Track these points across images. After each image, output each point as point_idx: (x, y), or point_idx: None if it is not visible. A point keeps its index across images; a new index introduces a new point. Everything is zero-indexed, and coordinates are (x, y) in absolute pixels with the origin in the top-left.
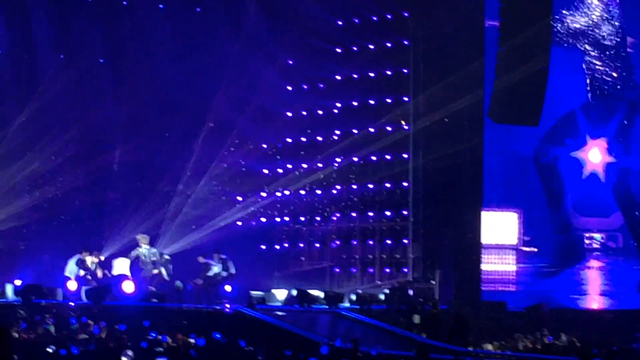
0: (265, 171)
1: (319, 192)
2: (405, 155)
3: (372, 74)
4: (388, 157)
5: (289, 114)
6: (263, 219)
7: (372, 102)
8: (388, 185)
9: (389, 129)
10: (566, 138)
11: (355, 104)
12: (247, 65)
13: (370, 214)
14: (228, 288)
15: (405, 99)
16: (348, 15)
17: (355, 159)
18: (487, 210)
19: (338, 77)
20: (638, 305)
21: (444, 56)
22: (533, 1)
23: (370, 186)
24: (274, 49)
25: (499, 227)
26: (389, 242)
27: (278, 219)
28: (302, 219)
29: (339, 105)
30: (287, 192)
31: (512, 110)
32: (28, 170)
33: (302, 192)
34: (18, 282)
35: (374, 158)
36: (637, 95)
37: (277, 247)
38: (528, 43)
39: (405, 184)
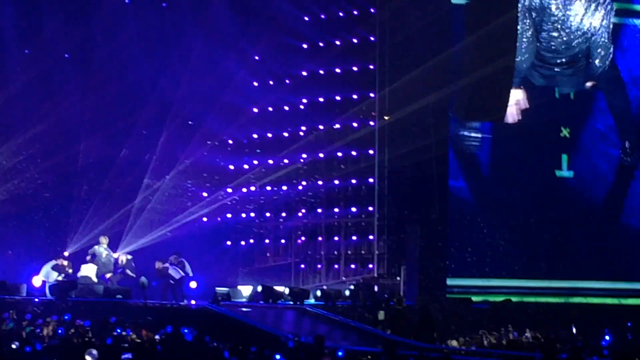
0: (231, 167)
1: (284, 188)
2: (371, 152)
3: (338, 70)
4: (354, 153)
5: (255, 110)
6: (229, 215)
7: (338, 98)
8: (354, 181)
9: (354, 124)
10: None
11: (321, 99)
12: (213, 61)
13: (336, 210)
14: (193, 284)
15: (372, 95)
16: (314, 10)
17: (321, 155)
18: None
19: (304, 73)
20: None
21: (410, 52)
22: None
23: (336, 182)
24: (240, 44)
25: None
26: (354, 238)
27: (244, 215)
28: (268, 214)
29: (305, 101)
30: (252, 188)
31: (477, 107)
32: None
33: (268, 188)
34: None
35: (339, 154)
36: None
37: (243, 243)
38: (493, 39)
39: (370, 180)
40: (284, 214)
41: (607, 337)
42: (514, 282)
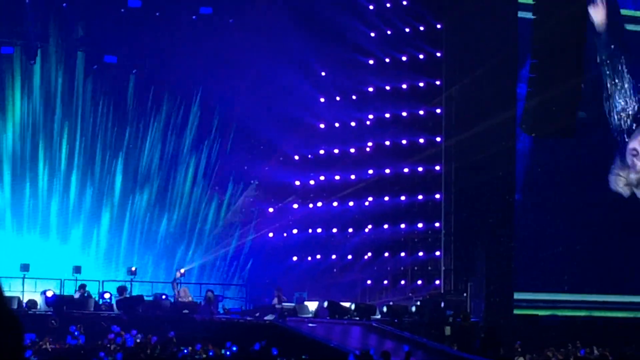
0: (297, 183)
1: (351, 203)
2: (437, 167)
3: (404, 86)
4: (420, 169)
5: (322, 126)
6: (295, 231)
7: (404, 113)
8: (420, 197)
9: (421, 140)
10: None
11: (387, 115)
12: (279, 77)
13: (402, 226)
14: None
15: (438, 110)
16: (380, 26)
17: (388, 171)
18: None
19: (370, 89)
20: None
21: (476, 68)
22: (567, 15)
23: (403, 198)
24: (306, 60)
25: None
26: (420, 254)
27: (310, 231)
28: (334, 230)
29: (371, 116)
30: (319, 204)
31: (545, 123)
32: None
33: (335, 203)
34: (50, 293)
35: (406, 170)
36: None
37: (309, 258)
38: (561, 55)
39: (437, 195)
40: (350, 230)
41: None
42: (581, 297)
